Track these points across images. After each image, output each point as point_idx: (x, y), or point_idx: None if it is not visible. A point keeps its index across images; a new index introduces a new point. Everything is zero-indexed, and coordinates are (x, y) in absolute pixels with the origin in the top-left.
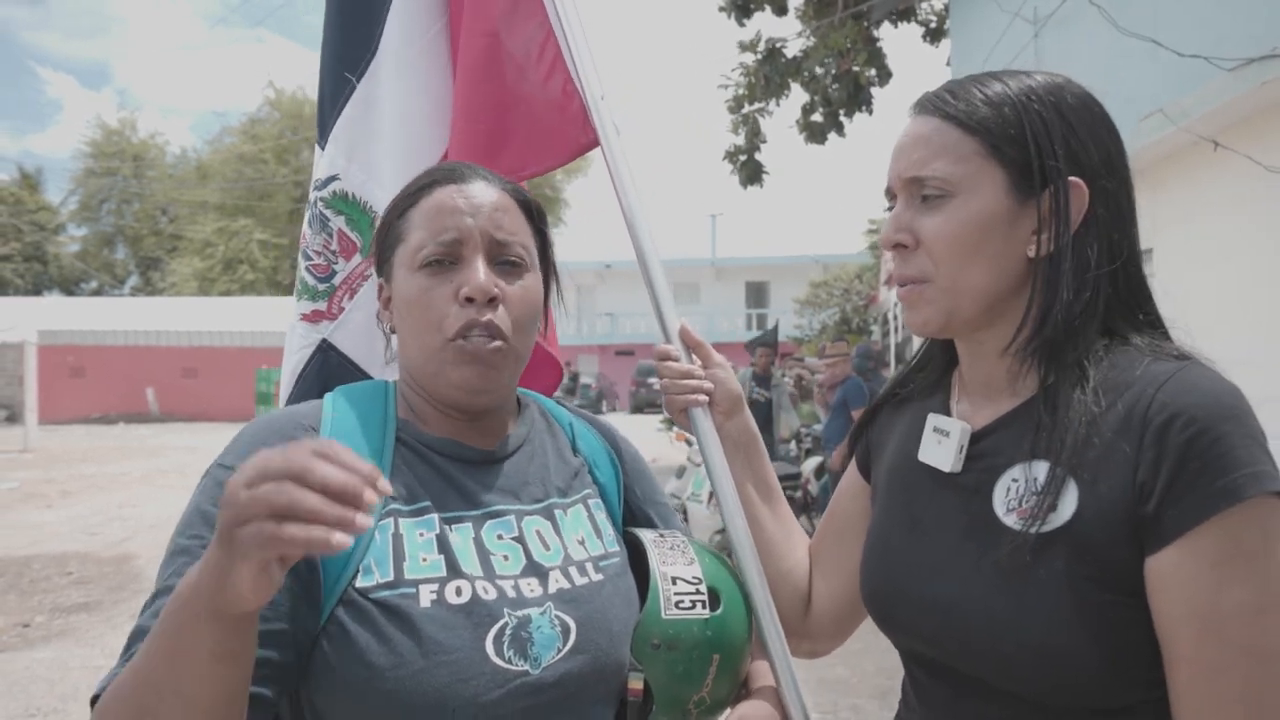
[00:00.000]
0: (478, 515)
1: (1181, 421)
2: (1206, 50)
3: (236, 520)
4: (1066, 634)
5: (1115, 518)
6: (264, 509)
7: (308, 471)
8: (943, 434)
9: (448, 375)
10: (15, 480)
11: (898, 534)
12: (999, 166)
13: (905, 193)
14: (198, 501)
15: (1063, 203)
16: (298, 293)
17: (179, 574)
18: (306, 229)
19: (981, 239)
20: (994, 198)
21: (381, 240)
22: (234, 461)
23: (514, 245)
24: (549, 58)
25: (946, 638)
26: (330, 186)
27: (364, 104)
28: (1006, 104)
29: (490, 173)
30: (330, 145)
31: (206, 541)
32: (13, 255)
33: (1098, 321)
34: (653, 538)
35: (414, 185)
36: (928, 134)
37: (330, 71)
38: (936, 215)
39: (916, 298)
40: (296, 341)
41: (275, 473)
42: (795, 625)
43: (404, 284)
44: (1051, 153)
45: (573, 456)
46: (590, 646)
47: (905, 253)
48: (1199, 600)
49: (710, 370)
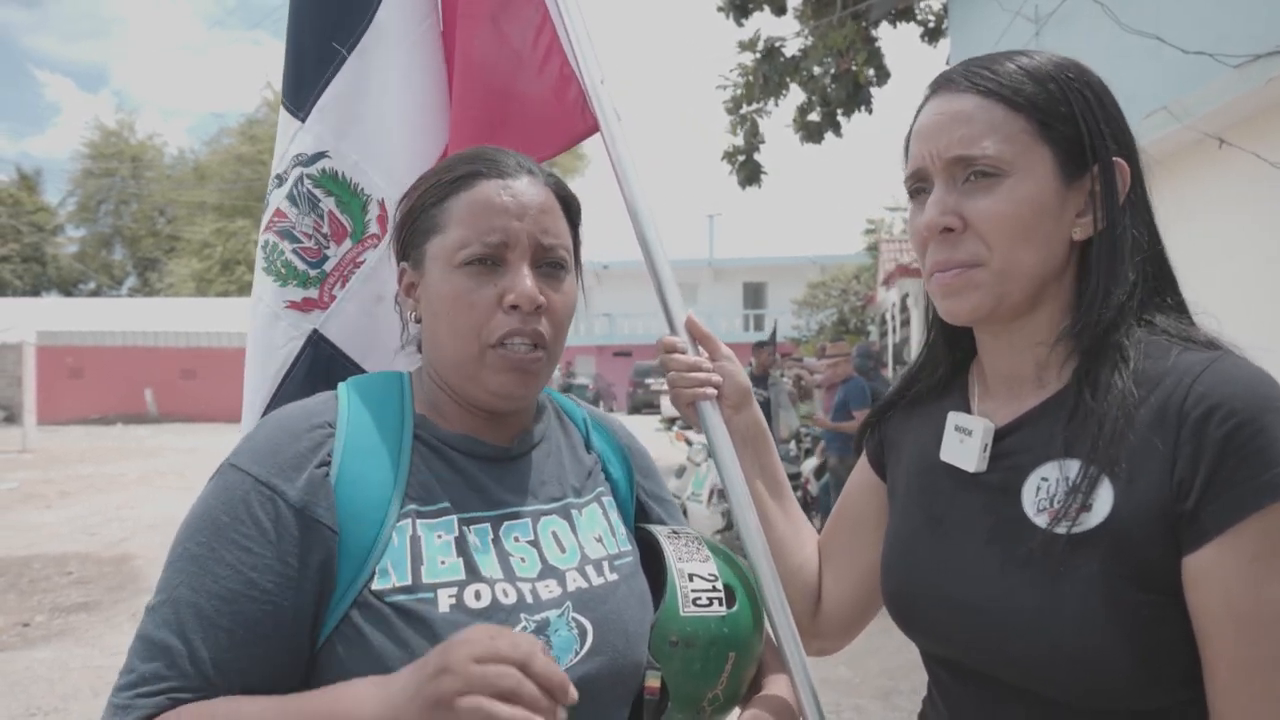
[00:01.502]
0: (496, 516)
1: (1221, 414)
2: (1210, 47)
3: (460, 691)
4: (1101, 635)
5: (1152, 516)
6: (490, 689)
7: (533, 662)
8: (965, 433)
9: (485, 381)
10: (14, 481)
11: (921, 535)
12: (1047, 145)
13: (947, 174)
14: (209, 506)
15: (1111, 182)
16: (280, 277)
17: (188, 584)
18: (289, 206)
19: (1035, 221)
20: (1045, 177)
21: (410, 223)
22: (248, 462)
23: (558, 249)
24: (545, 42)
25: (975, 640)
26: (319, 164)
27: (355, 78)
28: (1050, 80)
29: (533, 164)
30: (316, 118)
31: (216, 553)
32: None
33: (1135, 305)
34: (667, 534)
35: (453, 171)
36: (970, 111)
37: (311, 34)
38: (989, 196)
39: (965, 283)
40: (283, 332)
41: (505, 657)
42: (805, 623)
43: (441, 280)
44: (1099, 131)
45: (586, 454)
46: (607, 648)
47: (952, 237)
48: (1240, 599)
49: (718, 363)
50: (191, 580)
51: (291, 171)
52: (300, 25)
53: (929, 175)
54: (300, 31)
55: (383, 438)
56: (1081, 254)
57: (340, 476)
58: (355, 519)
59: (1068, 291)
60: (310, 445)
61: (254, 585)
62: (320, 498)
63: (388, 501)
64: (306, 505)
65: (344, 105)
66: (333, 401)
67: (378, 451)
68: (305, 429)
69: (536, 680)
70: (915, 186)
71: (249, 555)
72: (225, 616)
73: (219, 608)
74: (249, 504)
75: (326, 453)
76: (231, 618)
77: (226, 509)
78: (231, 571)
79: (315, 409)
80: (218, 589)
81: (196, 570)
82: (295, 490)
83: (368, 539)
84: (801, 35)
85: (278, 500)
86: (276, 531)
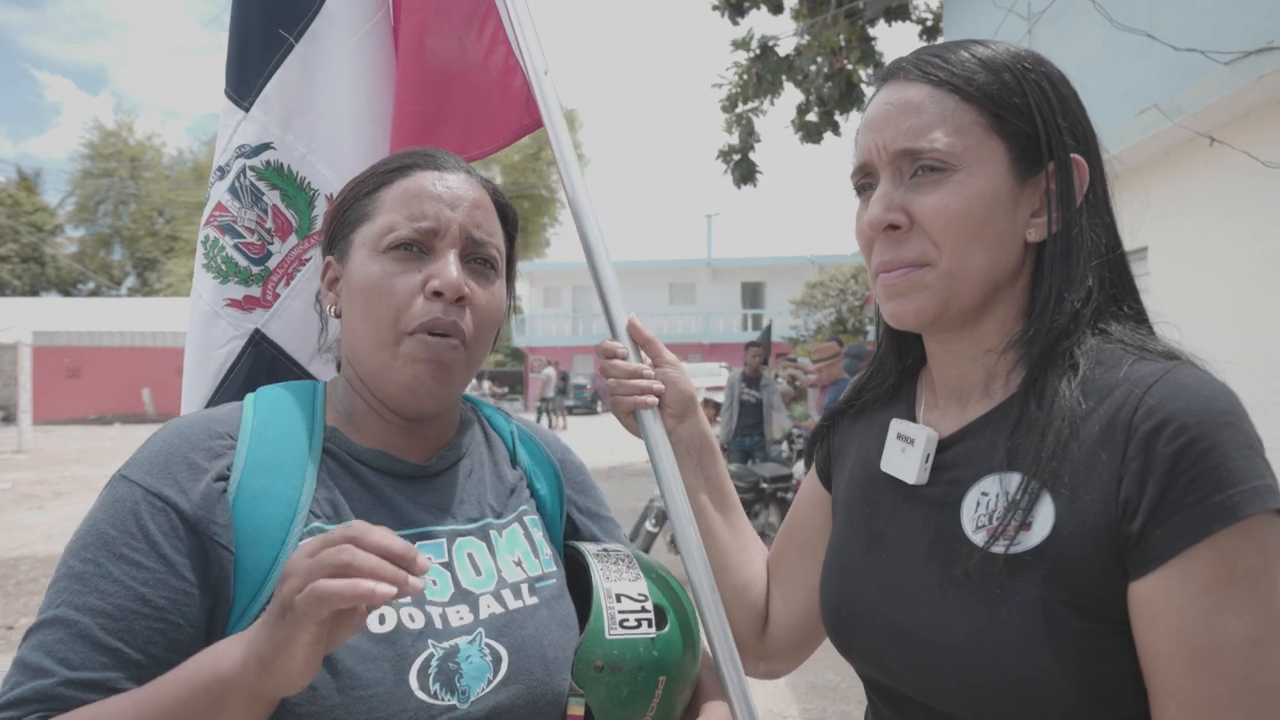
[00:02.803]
0: (407, 536)
1: (1171, 429)
2: (1202, 44)
3: (297, 586)
4: (1040, 665)
5: (1095, 537)
6: (326, 569)
7: (367, 533)
8: (907, 441)
9: (398, 372)
10: (8, 482)
11: (858, 551)
12: (1000, 139)
13: (893, 167)
14: (97, 520)
15: (1067, 180)
16: (220, 273)
17: (71, 603)
18: (231, 200)
19: (986, 218)
20: (997, 173)
21: (339, 215)
22: (140, 474)
23: (489, 246)
24: (490, 31)
25: (908, 667)
26: (263, 156)
27: (303, 66)
28: (1004, 70)
29: (471, 167)
30: (260, 109)
31: (104, 569)
32: (10, 257)
33: (1090, 312)
34: (595, 552)
35: (388, 164)
36: (919, 101)
37: (257, 20)
38: (936, 192)
39: (912, 284)
40: (223, 332)
41: (335, 539)
42: (751, 644)
43: (363, 266)
44: (1056, 125)
45: (511, 470)
46: (523, 676)
47: (898, 235)
48: (1190, 631)
49: (661, 369)
50: (74, 599)
51: (234, 163)
52: (246, 9)
53: (875, 169)
54: (245, 16)
55: (289, 452)
56: (1036, 257)
57: (240, 492)
58: (254, 538)
59: (1021, 296)
60: (207, 456)
61: (145, 601)
62: (216, 513)
63: (290, 520)
64: (200, 520)
65: (290, 95)
66: (237, 412)
67: (282, 466)
68: (203, 439)
69: (373, 550)
70: (862, 182)
71: (139, 570)
72: (113, 635)
73: (106, 626)
74: (139, 516)
75: (225, 466)
76: (120, 636)
77: (115, 522)
78: (119, 587)
79: (218, 419)
80: (104, 606)
81: (81, 588)
82: (189, 503)
83: (267, 559)
84: (797, 34)
85: (170, 512)
86: (170, 545)
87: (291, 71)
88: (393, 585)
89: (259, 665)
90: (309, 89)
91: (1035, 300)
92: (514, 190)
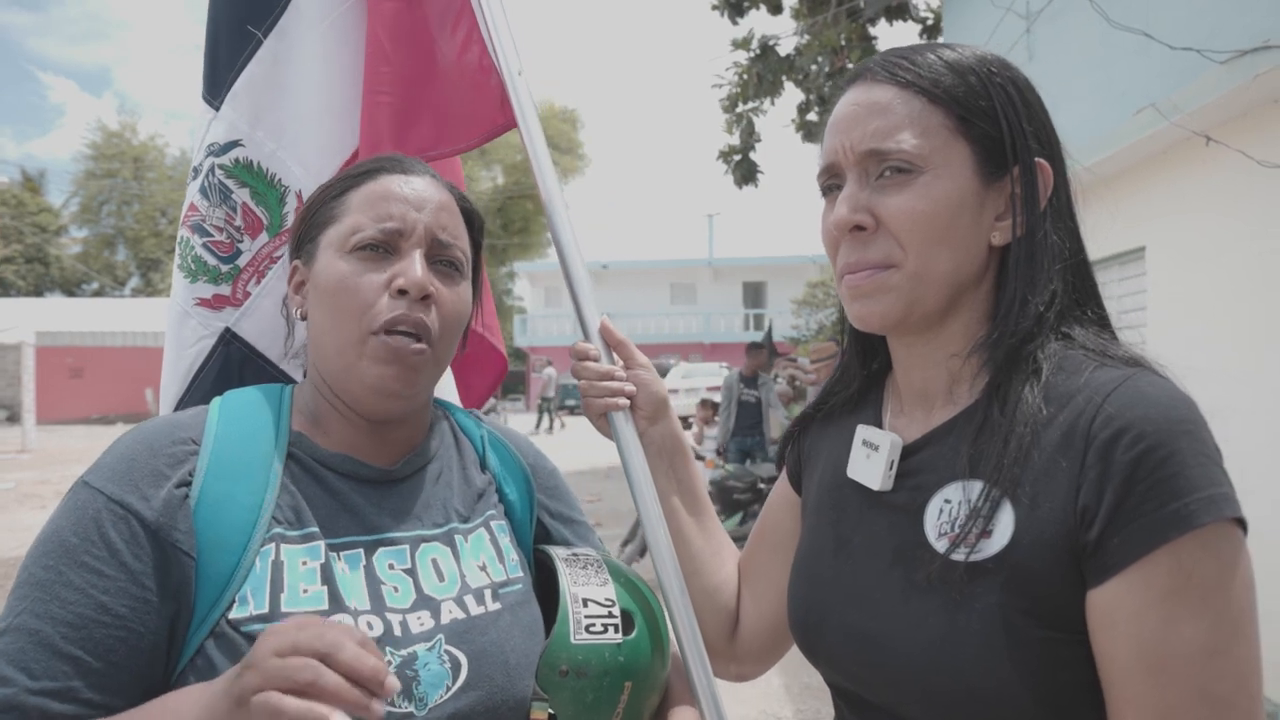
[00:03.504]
0: (370, 541)
1: (1129, 437)
2: (1199, 43)
3: (258, 687)
4: (999, 673)
5: (1054, 545)
6: (285, 683)
7: (338, 651)
8: (872, 448)
9: (363, 372)
10: (11, 481)
11: (824, 557)
12: (966, 142)
13: (859, 168)
14: (59, 527)
15: (1032, 184)
16: (190, 273)
17: (32, 610)
18: (200, 199)
19: (952, 221)
20: (963, 176)
21: (307, 219)
22: (102, 480)
23: (455, 249)
24: (465, 29)
25: (870, 673)
26: (232, 153)
27: (271, 63)
28: (970, 73)
29: (436, 173)
30: (229, 106)
31: (64, 576)
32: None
33: (1054, 316)
34: (564, 556)
35: (356, 169)
36: (886, 102)
37: (227, 20)
38: (903, 193)
39: (877, 286)
40: (193, 331)
41: (304, 646)
42: (721, 647)
43: (329, 266)
44: (1021, 129)
45: (479, 474)
46: (483, 682)
47: (864, 236)
48: (1146, 639)
49: (633, 371)
50: (36, 607)
51: (205, 162)
52: (217, 12)
53: (841, 170)
54: (217, 19)
55: (252, 456)
56: (1000, 261)
57: (201, 498)
58: (216, 544)
59: (985, 300)
60: (169, 462)
61: (106, 610)
62: (178, 520)
63: (252, 525)
64: (162, 527)
65: (259, 91)
66: (202, 416)
67: (245, 471)
68: (166, 444)
69: (342, 671)
70: (828, 182)
71: (100, 578)
72: (74, 644)
73: (66, 634)
74: (100, 524)
75: (187, 471)
76: (81, 645)
77: (76, 529)
78: (80, 596)
79: (181, 423)
80: (65, 615)
81: (42, 596)
82: (151, 510)
83: (228, 565)
84: (797, 33)
85: (131, 520)
86: (131, 552)
87: (260, 67)
88: (352, 713)
89: None
90: (278, 85)
91: (999, 304)
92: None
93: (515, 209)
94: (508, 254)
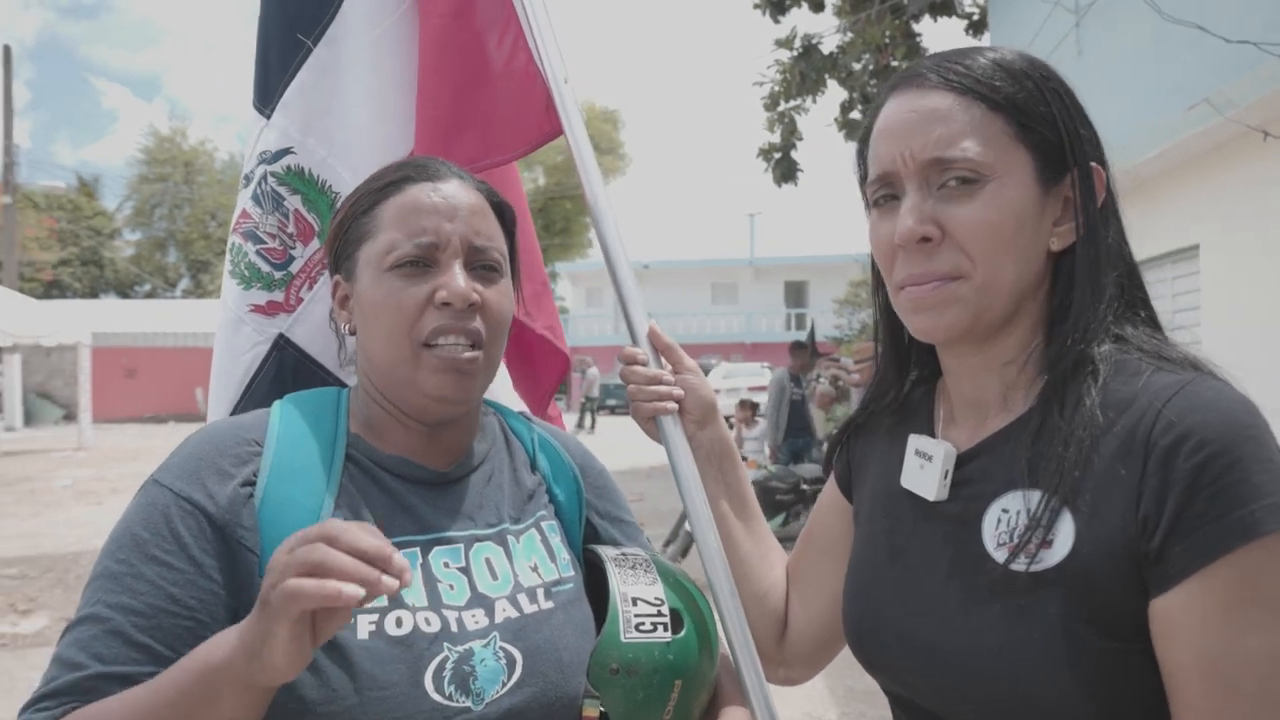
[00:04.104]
0: (426, 540)
1: (1191, 444)
2: (1255, 35)
3: (273, 583)
4: (1059, 682)
5: (1115, 554)
6: (296, 568)
7: (342, 533)
8: (925, 458)
9: (420, 383)
10: (69, 479)
11: (880, 567)
12: (1026, 149)
13: (920, 177)
14: (130, 523)
15: (1090, 188)
16: (244, 279)
17: (106, 601)
18: (253, 206)
19: (1018, 229)
20: (1025, 183)
21: (341, 234)
22: (171, 478)
23: (491, 251)
24: (511, 38)
25: (928, 682)
26: (283, 161)
27: (321, 71)
28: (1025, 78)
29: (463, 170)
30: (280, 114)
31: (135, 569)
32: (71, 260)
33: (1110, 320)
34: (614, 556)
35: (381, 179)
36: (946, 109)
37: (277, 28)
38: (971, 203)
39: (944, 298)
40: (247, 337)
41: (311, 536)
42: (770, 651)
43: (371, 285)
44: (1077, 134)
45: (530, 475)
46: (537, 679)
47: (929, 247)
48: (1212, 649)
49: (681, 376)
50: (109, 597)
51: (256, 170)
52: (268, 22)
53: (899, 179)
54: (267, 28)
55: (313, 458)
56: (1055, 267)
57: (265, 498)
58: (278, 542)
59: (1041, 307)
60: (234, 462)
61: (175, 600)
62: (242, 517)
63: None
64: (227, 523)
65: (309, 99)
66: (265, 419)
67: (307, 472)
68: (231, 445)
69: (347, 550)
70: (881, 193)
71: (170, 571)
72: (144, 632)
73: (138, 623)
74: (169, 519)
75: (252, 472)
76: (151, 633)
77: (147, 524)
78: (151, 587)
79: (245, 425)
80: (136, 605)
81: (114, 587)
82: (216, 507)
83: None
84: (840, 31)
85: (198, 515)
86: (199, 546)
87: (310, 75)
88: (362, 587)
89: (247, 656)
90: (328, 92)
91: (1054, 311)
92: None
93: (556, 209)
94: (549, 255)
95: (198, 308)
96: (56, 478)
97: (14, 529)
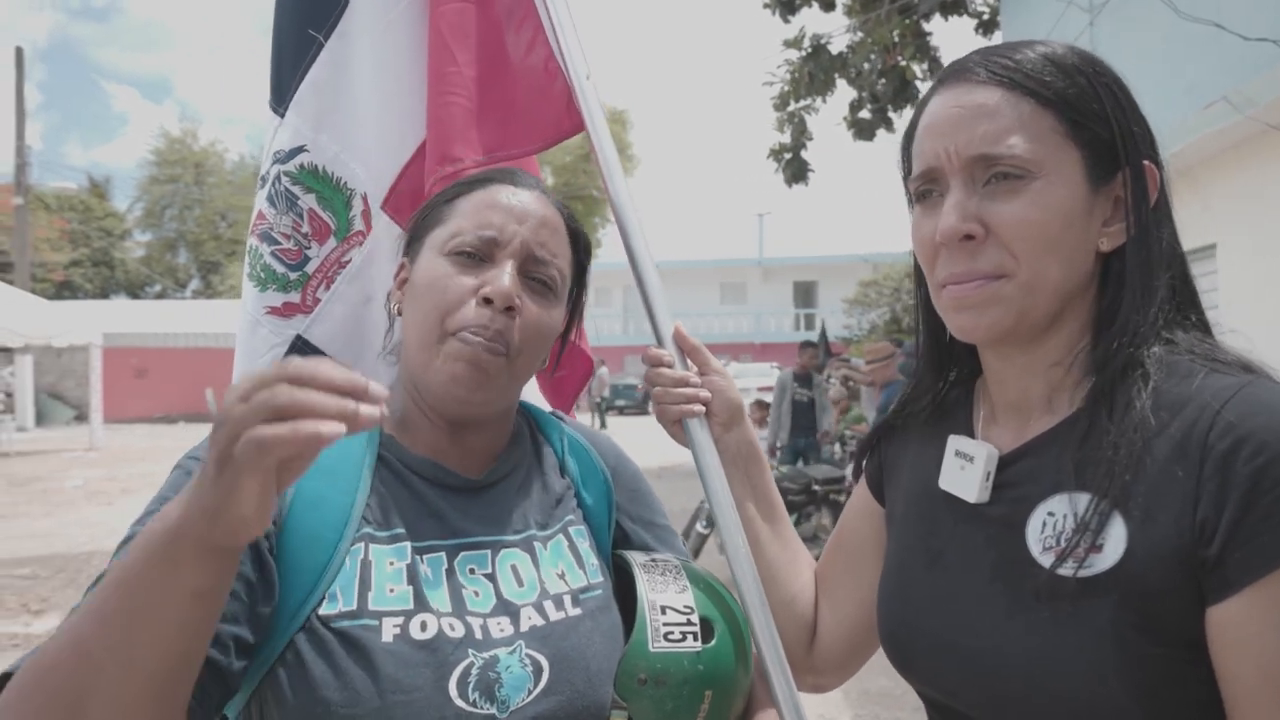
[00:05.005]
0: (452, 545)
1: (1250, 448)
2: (1274, 33)
3: (233, 435)
4: (1109, 689)
5: (1170, 561)
6: (262, 413)
7: (306, 369)
8: (966, 459)
9: (437, 369)
10: (80, 479)
11: (918, 571)
12: (1076, 146)
13: (966, 174)
14: (161, 493)
15: (1142, 187)
16: (260, 281)
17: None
18: (268, 208)
19: (1065, 228)
20: (1074, 181)
21: (420, 220)
22: (202, 451)
23: (551, 266)
24: (529, 31)
25: (972, 689)
26: (296, 159)
27: (333, 66)
28: (1078, 73)
29: (548, 189)
30: (293, 112)
31: None
32: (82, 261)
33: (1161, 323)
34: (642, 562)
35: (473, 177)
36: (994, 105)
37: (291, 26)
38: (1015, 201)
39: (987, 297)
40: (264, 339)
41: (271, 379)
42: (799, 657)
43: (427, 265)
44: (1129, 131)
45: (559, 479)
46: (564, 687)
47: (972, 245)
48: (1272, 660)
49: (707, 377)
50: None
51: (271, 170)
52: (282, 20)
53: (943, 175)
54: (282, 27)
55: (345, 457)
56: (1104, 267)
57: (298, 495)
58: (309, 541)
59: (1088, 308)
60: None
61: None
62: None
63: (344, 524)
64: None
65: (321, 95)
66: None
67: (338, 471)
68: None
69: (314, 385)
70: (924, 188)
71: None
72: None
73: None
74: None
75: None
76: None
77: (175, 488)
78: None
79: None
80: None
81: None
82: None
83: (320, 561)
84: (849, 31)
85: None
86: None
87: (322, 71)
88: (340, 421)
89: (206, 517)
90: (339, 87)
91: (1102, 312)
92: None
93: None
94: None
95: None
96: (68, 478)
97: (26, 529)
